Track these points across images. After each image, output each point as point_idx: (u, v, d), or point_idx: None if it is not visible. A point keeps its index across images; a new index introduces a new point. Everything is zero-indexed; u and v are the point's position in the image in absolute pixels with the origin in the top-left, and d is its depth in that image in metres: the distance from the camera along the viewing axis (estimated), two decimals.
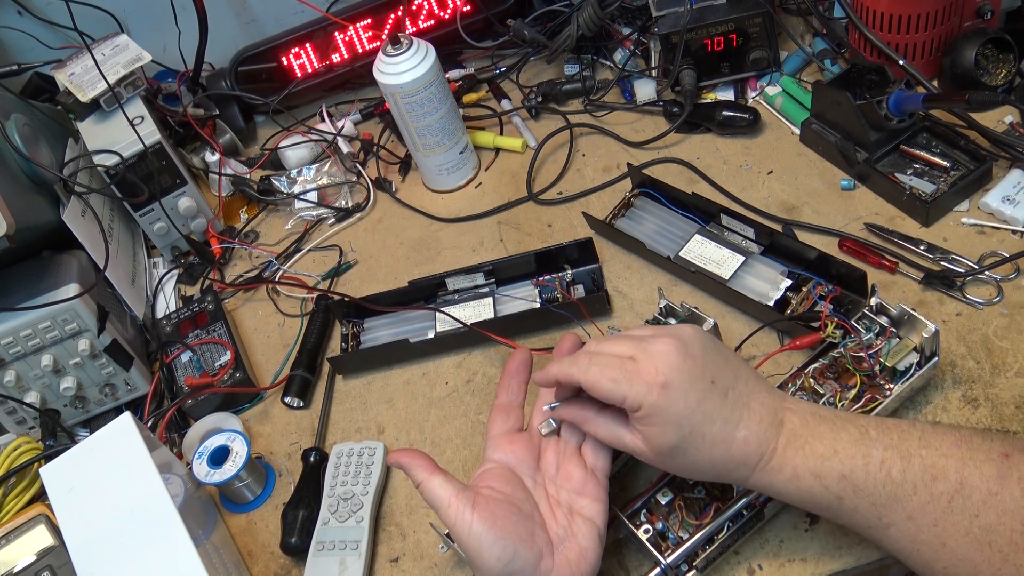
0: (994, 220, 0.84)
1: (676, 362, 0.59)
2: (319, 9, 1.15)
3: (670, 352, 0.60)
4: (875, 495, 0.57)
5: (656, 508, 0.69)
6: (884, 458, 0.57)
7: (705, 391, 0.59)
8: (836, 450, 0.58)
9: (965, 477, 0.55)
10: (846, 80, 0.92)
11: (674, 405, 0.58)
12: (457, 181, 1.08)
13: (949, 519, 0.55)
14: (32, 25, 1.19)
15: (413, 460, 0.65)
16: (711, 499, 0.68)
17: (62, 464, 0.73)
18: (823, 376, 0.72)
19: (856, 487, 0.57)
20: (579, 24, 1.08)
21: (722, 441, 0.59)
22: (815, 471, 0.58)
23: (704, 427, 0.59)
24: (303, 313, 1.00)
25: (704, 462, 0.60)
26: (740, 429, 0.59)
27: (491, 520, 0.61)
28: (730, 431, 0.59)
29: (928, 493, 0.56)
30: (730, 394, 0.60)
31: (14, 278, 0.92)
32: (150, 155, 1.00)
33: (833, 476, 0.58)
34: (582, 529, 0.64)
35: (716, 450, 0.59)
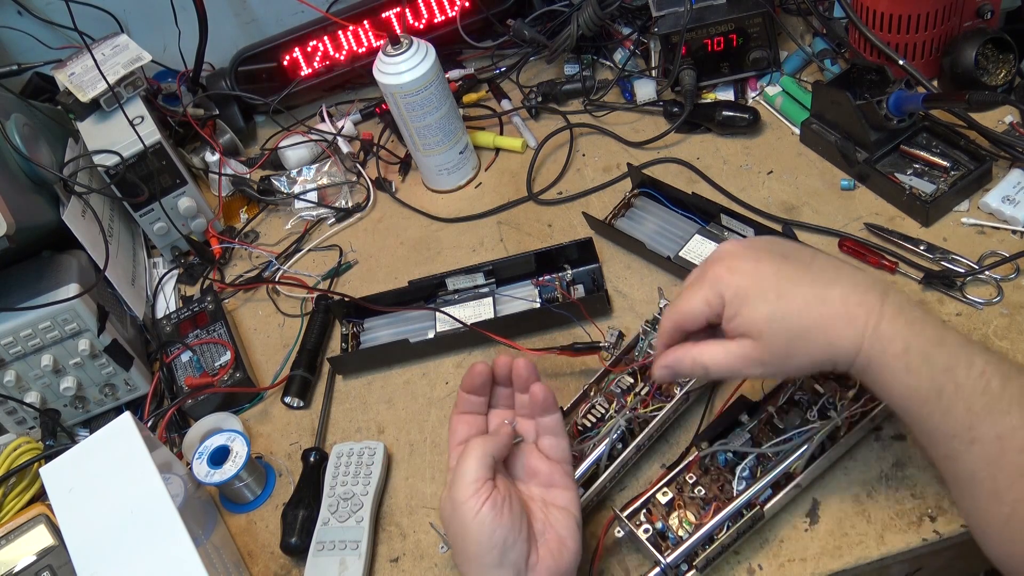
0: (994, 220, 0.84)
1: (737, 250, 0.60)
2: (319, 9, 1.15)
3: (728, 248, 0.61)
4: (972, 400, 0.54)
5: (656, 508, 0.69)
6: (985, 369, 0.55)
7: (779, 263, 0.59)
8: (944, 341, 0.56)
9: None
10: (846, 80, 0.92)
11: (748, 278, 0.58)
12: (457, 181, 1.08)
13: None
14: (32, 25, 1.19)
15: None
16: (711, 499, 0.68)
17: (62, 464, 0.73)
18: (823, 376, 0.72)
19: (958, 384, 0.54)
20: (579, 24, 1.08)
21: (815, 298, 0.57)
22: (925, 352, 0.55)
23: (790, 288, 0.57)
24: (303, 313, 1.00)
25: (811, 326, 0.56)
26: (834, 288, 0.57)
27: (498, 508, 0.62)
28: (822, 289, 0.57)
29: (1021, 417, 0.54)
30: (813, 264, 0.59)
31: (14, 278, 0.92)
32: (150, 155, 1.00)
33: (940, 365, 0.55)
34: (559, 519, 0.65)
35: (813, 309, 0.57)
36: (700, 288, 0.60)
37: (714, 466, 0.71)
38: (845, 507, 0.69)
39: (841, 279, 0.58)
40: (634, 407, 0.75)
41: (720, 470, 0.70)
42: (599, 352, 0.82)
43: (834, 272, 0.59)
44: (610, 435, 0.72)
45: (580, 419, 0.76)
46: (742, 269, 0.59)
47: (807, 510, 0.70)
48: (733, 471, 0.69)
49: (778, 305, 0.57)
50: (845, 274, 0.59)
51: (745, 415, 0.72)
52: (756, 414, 0.72)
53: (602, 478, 0.72)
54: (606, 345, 0.81)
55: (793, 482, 0.68)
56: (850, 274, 0.59)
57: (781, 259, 0.59)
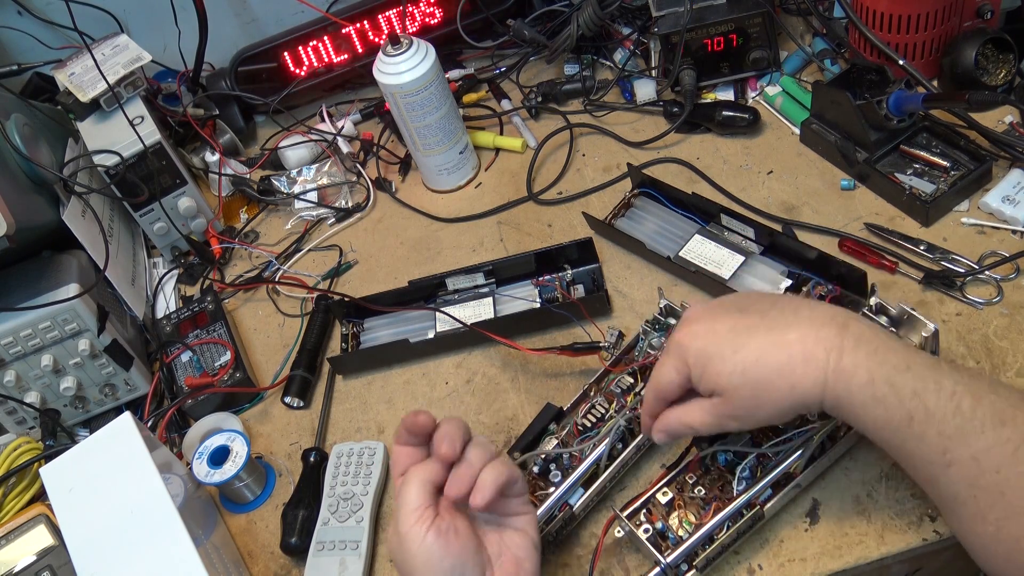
0: (994, 220, 0.84)
1: (696, 314, 0.63)
2: (319, 9, 1.15)
3: (689, 313, 0.63)
4: (944, 424, 0.54)
5: (656, 508, 0.69)
6: (955, 390, 0.55)
7: (735, 318, 0.60)
8: (910, 365, 0.56)
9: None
10: (846, 80, 0.92)
11: (705, 339, 0.60)
12: (457, 181, 1.08)
13: (1013, 468, 0.54)
14: (32, 25, 1.19)
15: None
16: (711, 499, 0.68)
17: (62, 464, 0.73)
18: None
19: (927, 409, 0.55)
20: (579, 24, 1.08)
21: (772, 345, 0.58)
22: (890, 380, 0.55)
23: (745, 341, 0.58)
24: (303, 313, 1.00)
25: (771, 375, 0.57)
26: (790, 332, 0.58)
27: (444, 535, 0.59)
28: (778, 335, 0.58)
29: (996, 436, 0.54)
30: (770, 311, 0.60)
31: (14, 278, 0.92)
32: (150, 155, 1.00)
33: (907, 391, 0.55)
34: (515, 541, 0.63)
35: (771, 356, 0.57)
36: (668, 357, 0.63)
37: (714, 466, 0.71)
38: (845, 507, 0.69)
39: (798, 321, 0.59)
40: (634, 407, 0.75)
41: (720, 470, 0.70)
42: (599, 352, 0.82)
43: (792, 315, 0.59)
44: (610, 435, 0.72)
45: (580, 419, 0.76)
46: (699, 332, 0.61)
47: (807, 510, 0.70)
48: (733, 471, 0.69)
49: (736, 360, 0.58)
50: (803, 315, 0.59)
51: None
52: None
53: (602, 478, 0.72)
54: (606, 345, 0.81)
55: (793, 482, 0.68)
56: (808, 314, 0.59)
57: (737, 313, 0.61)
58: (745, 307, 0.61)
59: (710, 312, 0.62)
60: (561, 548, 0.72)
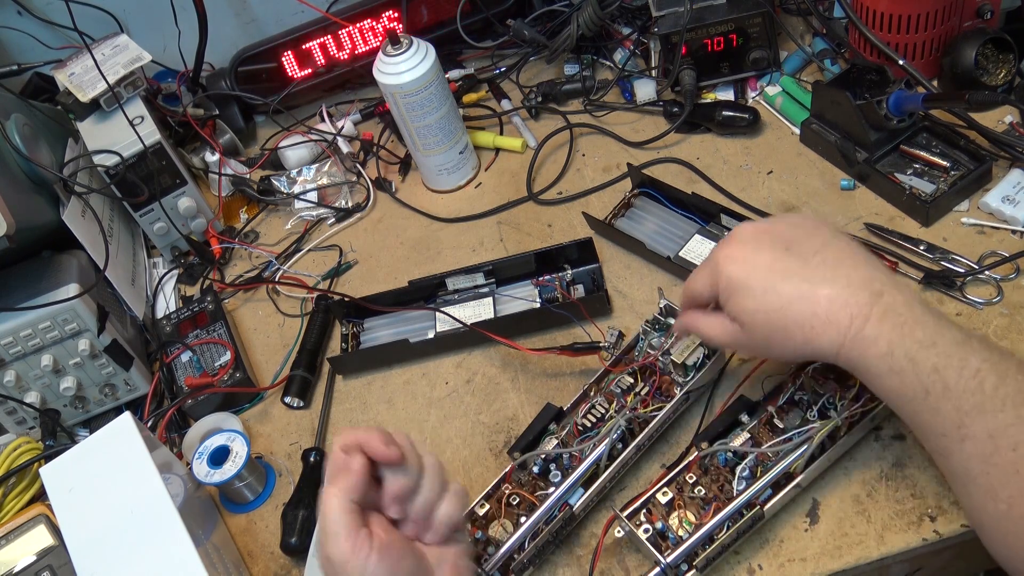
0: (994, 220, 0.84)
1: (743, 236, 0.63)
2: (319, 9, 1.15)
3: (739, 232, 0.63)
4: (962, 400, 0.55)
5: (656, 508, 0.69)
6: (980, 368, 0.55)
7: (777, 255, 0.60)
8: (936, 342, 0.56)
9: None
10: (846, 80, 0.92)
11: (739, 270, 0.61)
12: (457, 181, 1.08)
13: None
14: (32, 25, 1.19)
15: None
16: (711, 499, 0.68)
17: (62, 464, 0.73)
18: (823, 376, 0.72)
19: (946, 385, 0.55)
20: (579, 24, 1.08)
21: (801, 297, 0.58)
22: (910, 355, 0.56)
23: (777, 284, 0.59)
24: (303, 313, 1.00)
25: (790, 324, 0.59)
26: (823, 287, 0.58)
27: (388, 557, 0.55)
28: (810, 288, 0.58)
29: (1016, 415, 0.54)
30: (813, 259, 0.60)
31: (14, 278, 0.92)
32: (150, 155, 1.00)
33: (927, 367, 0.56)
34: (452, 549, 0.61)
35: (795, 308, 0.58)
36: (704, 269, 0.65)
37: (714, 466, 0.71)
38: (845, 507, 0.70)
39: (836, 277, 0.59)
40: (634, 407, 0.75)
41: (720, 470, 0.70)
42: (599, 352, 0.82)
43: (832, 268, 0.59)
44: (610, 435, 0.72)
45: (580, 419, 0.76)
46: (738, 258, 0.62)
47: (807, 510, 0.70)
48: (733, 471, 0.69)
49: (762, 300, 0.60)
50: (842, 272, 0.59)
51: (745, 415, 0.72)
52: (756, 414, 0.73)
53: (602, 478, 0.72)
54: (606, 345, 0.81)
55: (793, 482, 0.67)
56: (847, 271, 0.59)
57: (782, 250, 0.61)
58: (791, 243, 0.61)
59: (756, 239, 0.62)
60: (561, 548, 0.72)
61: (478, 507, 0.73)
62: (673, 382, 0.76)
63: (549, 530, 0.70)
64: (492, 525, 0.72)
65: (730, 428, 0.72)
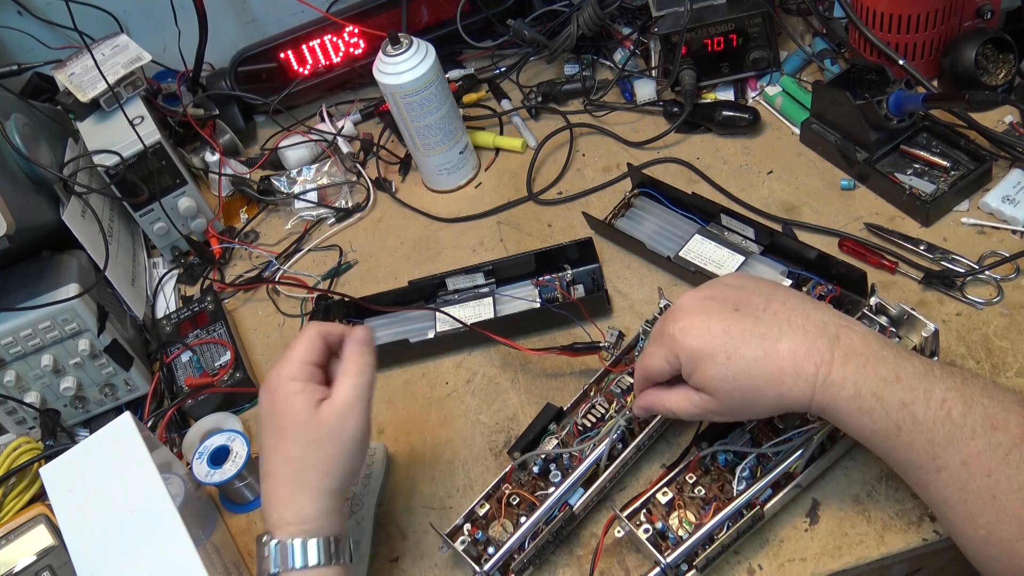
0: (994, 220, 0.84)
1: (690, 307, 0.63)
2: (319, 9, 1.15)
3: (684, 304, 0.64)
4: (933, 432, 0.55)
5: (656, 508, 0.69)
6: (946, 397, 0.56)
7: (729, 318, 0.61)
8: (899, 376, 0.57)
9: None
10: (846, 80, 0.92)
11: (697, 340, 0.60)
12: (457, 181, 1.08)
13: (1004, 472, 0.54)
14: (32, 25, 1.19)
15: None
16: (711, 499, 0.68)
17: (62, 464, 0.73)
18: None
19: (916, 419, 0.56)
20: (579, 24, 1.08)
21: (764, 355, 0.59)
22: (877, 393, 0.57)
23: (739, 347, 0.59)
24: (303, 313, 1.00)
25: (761, 384, 0.59)
26: (783, 342, 0.59)
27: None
28: (770, 344, 0.59)
29: (986, 441, 0.55)
30: (763, 315, 0.60)
31: (14, 278, 0.92)
32: (150, 155, 1.00)
33: (894, 403, 0.56)
34: None
35: (762, 366, 0.59)
36: (659, 347, 0.64)
37: (714, 466, 0.71)
38: (845, 507, 0.70)
39: (792, 330, 0.59)
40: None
41: (720, 470, 0.70)
42: (599, 352, 0.82)
43: (784, 322, 0.60)
44: (610, 435, 0.72)
45: (580, 419, 0.76)
46: (693, 329, 0.61)
47: (807, 510, 0.70)
48: (733, 471, 0.69)
49: (727, 366, 0.60)
50: (796, 324, 0.60)
51: None
52: None
53: (602, 478, 0.72)
54: (606, 345, 0.81)
55: (793, 482, 0.68)
56: (801, 323, 0.60)
57: (732, 312, 0.61)
58: (740, 303, 0.62)
59: (704, 307, 0.62)
60: (561, 548, 0.72)
61: (478, 507, 0.73)
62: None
63: (549, 530, 0.70)
64: (492, 525, 0.72)
65: (730, 428, 0.72)
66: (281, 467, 0.62)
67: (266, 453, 0.64)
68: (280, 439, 0.63)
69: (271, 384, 0.64)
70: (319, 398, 0.63)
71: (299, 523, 0.61)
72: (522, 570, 0.70)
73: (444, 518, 0.77)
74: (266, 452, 0.64)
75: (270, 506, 0.62)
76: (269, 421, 0.64)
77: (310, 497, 0.62)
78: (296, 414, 0.62)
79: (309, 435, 0.62)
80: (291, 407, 0.62)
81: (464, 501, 0.77)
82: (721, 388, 0.60)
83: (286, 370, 0.64)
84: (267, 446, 0.64)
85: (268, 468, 0.63)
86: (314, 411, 0.62)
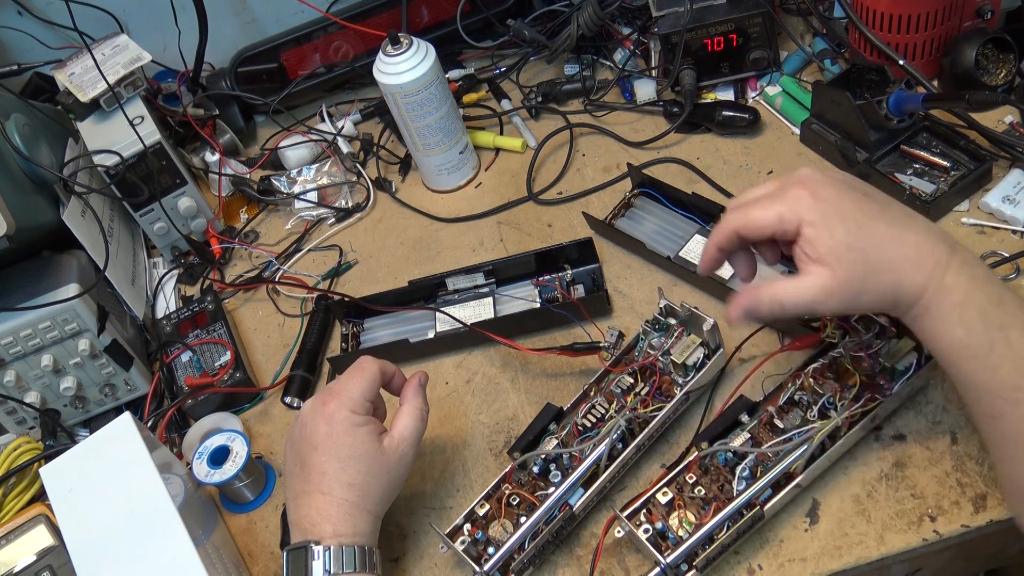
0: (994, 220, 0.84)
1: (822, 177, 0.61)
2: (319, 9, 1.15)
3: (812, 173, 0.61)
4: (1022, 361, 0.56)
5: (656, 508, 0.69)
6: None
7: (860, 198, 0.59)
8: (1003, 301, 0.57)
9: None
10: (846, 80, 0.92)
11: (832, 205, 0.58)
12: (457, 181, 1.08)
13: None
14: (32, 25, 1.19)
15: None
16: (711, 499, 0.68)
17: (62, 464, 0.73)
18: (823, 376, 0.72)
19: (1010, 343, 0.56)
20: (579, 24, 1.08)
21: (892, 239, 0.58)
22: (980, 307, 0.57)
23: (869, 223, 0.58)
24: (303, 313, 1.00)
25: (884, 263, 0.58)
26: (908, 233, 0.58)
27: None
28: (899, 231, 0.58)
29: None
30: (890, 208, 0.60)
31: (14, 278, 0.92)
32: (150, 155, 1.00)
33: (995, 322, 0.57)
34: None
35: (890, 247, 0.58)
36: (777, 203, 0.60)
37: (714, 466, 0.71)
38: (845, 507, 0.70)
39: (916, 225, 0.59)
40: (634, 407, 0.75)
41: (720, 470, 0.70)
42: (599, 352, 0.82)
43: (909, 217, 0.60)
44: (610, 435, 0.72)
45: (580, 419, 0.76)
46: (827, 195, 0.59)
47: (807, 510, 0.70)
48: (733, 471, 0.69)
49: (859, 236, 0.58)
50: (919, 222, 0.60)
51: (745, 415, 0.72)
52: (756, 414, 0.73)
53: (602, 478, 0.72)
54: (606, 345, 0.81)
55: (793, 482, 0.68)
56: (924, 223, 0.60)
57: (863, 195, 0.60)
58: (868, 192, 0.61)
59: (835, 183, 0.60)
60: (561, 548, 0.72)
61: (478, 507, 0.73)
62: (673, 382, 0.76)
63: (549, 530, 0.70)
64: (492, 525, 0.72)
65: (730, 428, 0.72)
66: (341, 490, 0.67)
67: (317, 475, 0.68)
68: (343, 466, 0.68)
69: (329, 412, 0.69)
70: (379, 432, 0.70)
71: (353, 536, 0.67)
72: (522, 570, 0.70)
73: (444, 518, 0.77)
74: (318, 474, 0.68)
75: (321, 519, 0.67)
76: (328, 447, 0.68)
77: (364, 518, 0.68)
78: (362, 445, 0.68)
79: (372, 466, 0.68)
80: (356, 439, 0.68)
81: (464, 501, 0.77)
82: (845, 257, 0.57)
83: (349, 404, 0.69)
84: (321, 469, 0.68)
85: (322, 488, 0.68)
86: (378, 445, 0.69)
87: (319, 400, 0.71)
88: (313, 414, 0.70)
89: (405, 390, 0.74)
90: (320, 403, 0.70)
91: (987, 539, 0.69)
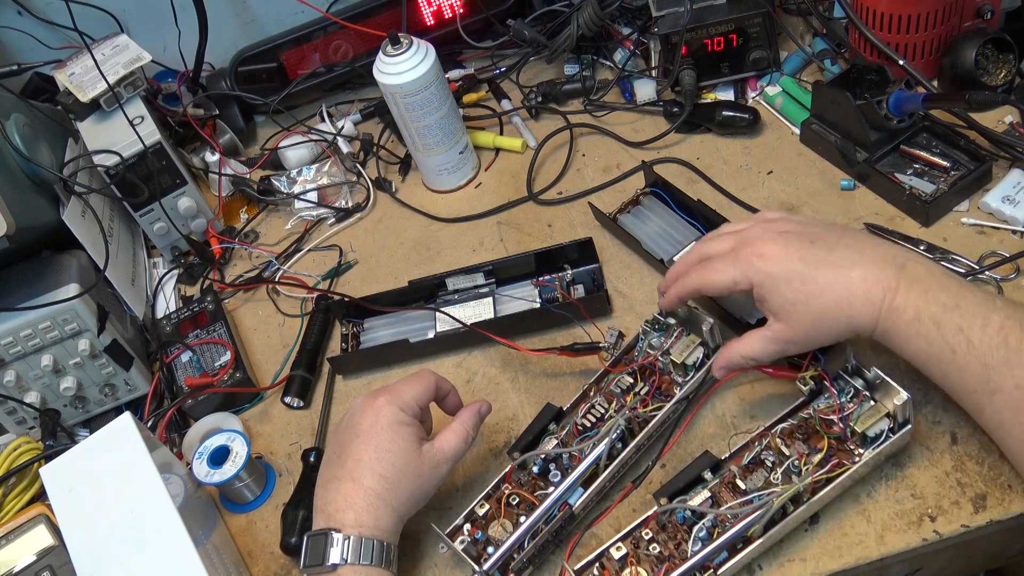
0: (994, 220, 0.84)
1: (770, 236, 0.66)
2: (319, 9, 1.15)
3: (760, 233, 0.67)
4: (987, 356, 0.59)
5: (609, 563, 0.68)
6: (1004, 324, 0.59)
7: (805, 249, 0.64)
8: (959, 304, 0.60)
9: None
10: (846, 80, 0.92)
11: (776, 266, 0.64)
12: (457, 181, 1.08)
13: None
14: (32, 25, 1.19)
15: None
16: (665, 557, 0.66)
17: (62, 464, 0.73)
18: (791, 437, 0.70)
19: (970, 343, 0.59)
20: (579, 24, 1.08)
21: (837, 282, 0.62)
22: (935, 318, 0.60)
23: (813, 273, 0.63)
24: (303, 313, 1.00)
25: (832, 307, 0.63)
26: (854, 270, 0.63)
27: None
28: (844, 272, 0.63)
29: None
30: (836, 248, 0.64)
31: (14, 278, 0.92)
32: (150, 155, 1.00)
33: (951, 327, 0.60)
34: None
35: (835, 291, 0.62)
36: (730, 268, 0.67)
37: (672, 523, 0.69)
38: (845, 507, 0.69)
39: (862, 260, 0.63)
40: (634, 407, 0.75)
41: (678, 527, 0.68)
42: (599, 352, 0.82)
43: (856, 253, 0.64)
44: (610, 435, 0.72)
45: (580, 419, 0.76)
46: (772, 256, 0.65)
47: None
48: (690, 530, 0.67)
49: (802, 290, 0.63)
50: (866, 254, 0.64)
51: (709, 472, 0.70)
52: (719, 472, 0.70)
53: (602, 478, 0.72)
54: (606, 345, 0.81)
55: (751, 546, 0.65)
56: (870, 253, 0.64)
57: (808, 244, 0.65)
58: (815, 238, 0.65)
59: (783, 239, 0.66)
60: (561, 548, 0.72)
61: (478, 507, 0.73)
62: (673, 382, 0.76)
63: (549, 530, 0.70)
64: (492, 525, 0.72)
65: (692, 485, 0.69)
66: (371, 480, 0.68)
67: (352, 461, 0.69)
68: (378, 456, 0.68)
69: (378, 406, 0.70)
70: (422, 437, 0.71)
71: (374, 529, 0.67)
72: (522, 570, 0.70)
73: (444, 518, 0.77)
74: (353, 460, 0.69)
75: (346, 505, 0.67)
76: (369, 436, 0.69)
77: (388, 514, 0.68)
78: (401, 442, 0.69)
79: (408, 466, 0.69)
80: (397, 434, 0.69)
81: (464, 501, 0.77)
82: (794, 311, 0.64)
83: (399, 401, 0.71)
84: (357, 455, 0.69)
85: (353, 475, 0.68)
86: (416, 447, 0.70)
87: (371, 395, 0.72)
88: (363, 406, 0.71)
89: (462, 411, 0.74)
90: (371, 397, 0.72)
91: (987, 539, 0.69)
